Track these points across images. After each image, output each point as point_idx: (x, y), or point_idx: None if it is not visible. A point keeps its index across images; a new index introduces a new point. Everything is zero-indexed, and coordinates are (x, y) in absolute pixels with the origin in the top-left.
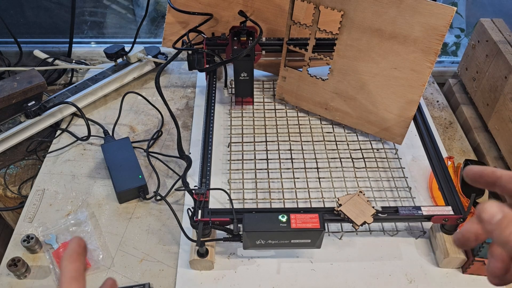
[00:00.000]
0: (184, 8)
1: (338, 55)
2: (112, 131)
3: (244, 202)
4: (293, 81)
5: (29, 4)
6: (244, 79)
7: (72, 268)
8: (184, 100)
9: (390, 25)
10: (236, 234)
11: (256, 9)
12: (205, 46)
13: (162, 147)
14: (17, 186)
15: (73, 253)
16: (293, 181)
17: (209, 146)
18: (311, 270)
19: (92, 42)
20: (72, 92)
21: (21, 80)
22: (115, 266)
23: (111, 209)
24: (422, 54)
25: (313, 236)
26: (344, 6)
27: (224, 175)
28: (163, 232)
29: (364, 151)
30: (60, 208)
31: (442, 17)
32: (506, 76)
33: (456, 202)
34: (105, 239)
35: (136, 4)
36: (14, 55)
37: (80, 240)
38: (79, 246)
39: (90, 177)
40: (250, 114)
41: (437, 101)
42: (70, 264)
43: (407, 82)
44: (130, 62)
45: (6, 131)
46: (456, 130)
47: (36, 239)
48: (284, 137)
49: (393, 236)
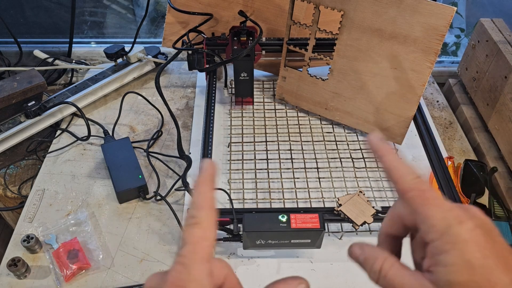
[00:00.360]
0: (184, 8)
1: (338, 55)
2: (112, 131)
3: (244, 202)
4: (293, 81)
5: (29, 4)
6: (244, 79)
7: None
8: (184, 100)
9: (390, 25)
10: (236, 234)
11: (256, 9)
12: (205, 46)
13: (162, 147)
14: (17, 186)
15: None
16: (293, 181)
17: (209, 146)
18: (311, 270)
19: (92, 42)
20: (72, 92)
21: (21, 80)
22: (115, 266)
23: (111, 209)
24: (422, 54)
25: (313, 236)
26: (344, 6)
27: (224, 175)
28: (163, 232)
29: (364, 151)
30: (60, 208)
31: (442, 17)
32: (506, 76)
33: (456, 202)
34: (105, 239)
35: (136, 4)
36: (14, 55)
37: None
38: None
39: (90, 177)
40: (250, 114)
41: (437, 101)
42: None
43: (407, 82)
44: (130, 62)
45: (6, 131)
46: (456, 130)
47: (36, 239)
48: (284, 137)
49: None
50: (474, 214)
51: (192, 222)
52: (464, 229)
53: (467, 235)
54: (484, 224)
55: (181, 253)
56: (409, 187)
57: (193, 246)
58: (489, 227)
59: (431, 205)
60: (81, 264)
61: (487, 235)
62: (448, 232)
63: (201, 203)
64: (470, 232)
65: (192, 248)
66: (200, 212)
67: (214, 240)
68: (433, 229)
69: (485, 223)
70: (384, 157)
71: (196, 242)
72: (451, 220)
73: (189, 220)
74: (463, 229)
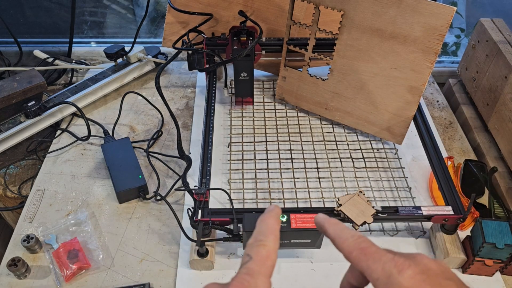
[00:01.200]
0: (184, 8)
1: (338, 55)
2: (112, 131)
3: (244, 202)
4: (293, 81)
5: (29, 4)
6: (244, 79)
7: (276, 228)
8: (184, 100)
9: (390, 25)
10: (236, 234)
11: (256, 9)
12: (205, 46)
13: (162, 147)
14: (17, 186)
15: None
16: (293, 181)
17: (209, 146)
18: (311, 270)
19: (92, 42)
20: (72, 92)
21: (21, 80)
22: (115, 266)
23: (111, 209)
24: (422, 54)
25: (313, 236)
26: (344, 6)
27: (224, 175)
28: (163, 232)
29: (364, 151)
30: (60, 208)
31: (442, 17)
32: (506, 76)
33: (456, 202)
34: (105, 239)
35: (136, 4)
36: (14, 55)
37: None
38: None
39: (90, 177)
40: (250, 114)
41: (437, 101)
42: (275, 225)
43: (407, 82)
44: (130, 62)
45: (6, 131)
46: (456, 130)
47: (36, 239)
48: (284, 137)
49: (393, 236)
50: (419, 261)
51: (260, 244)
52: (404, 277)
53: (408, 282)
54: (428, 270)
55: (247, 266)
56: (351, 248)
57: (259, 262)
58: (435, 272)
59: (372, 260)
60: (81, 264)
61: (430, 280)
62: (390, 282)
63: (268, 230)
64: (410, 279)
65: (259, 263)
66: (267, 237)
67: (275, 264)
68: (377, 282)
69: (429, 269)
70: (328, 230)
71: (262, 260)
72: (391, 270)
73: (256, 242)
74: (404, 277)
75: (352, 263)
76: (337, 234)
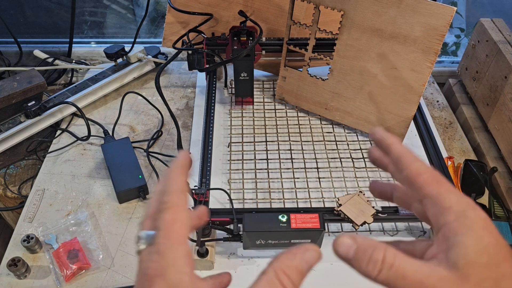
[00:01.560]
0: (184, 8)
1: (338, 55)
2: (112, 131)
3: (244, 202)
4: (293, 81)
5: (29, 4)
6: (244, 79)
7: (180, 181)
8: (184, 100)
9: (390, 25)
10: (236, 234)
11: (256, 9)
12: (205, 46)
13: (162, 147)
14: (17, 186)
15: (181, 166)
16: (293, 181)
17: (209, 146)
18: (311, 270)
19: (92, 42)
20: (72, 92)
21: (21, 80)
22: (115, 266)
23: (111, 209)
24: (422, 54)
25: (313, 236)
26: (344, 6)
27: (224, 175)
28: None
29: (364, 151)
30: (60, 208)
31: (442, 17)
32: (506, 76)
33: None
34: (105, 239)
35: (136, 4)
36: (14, 55)
37: (187, 154)
38: (186, 159)
39: (90, 177)
40: (250, 114)
41: (437, 101)
42: (178, 177)
43: (407, 82)
44: (130, 62)
45: (6, 131)
46: (456, 130)
47: (36, 239)
48: (284, 137)
49: (393, 236)
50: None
51: (162, 208)
52: (479, 216)
53: (482, 222)
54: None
55: (154, 242)
56: (422, 170)
57: (165, 232)
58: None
59: (446, 189)
60: (81, 264)
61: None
62: (466, 215)
63: (170, 188)
64: (484, 220)
65: (164, 233)
66: (169, 197)
67: (187, 220)
68: (448, 210)
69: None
70: (392, 146)
71: (167, 227)
72: (466, 205)
73: (161, 205)
74: (478, 216)
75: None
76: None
